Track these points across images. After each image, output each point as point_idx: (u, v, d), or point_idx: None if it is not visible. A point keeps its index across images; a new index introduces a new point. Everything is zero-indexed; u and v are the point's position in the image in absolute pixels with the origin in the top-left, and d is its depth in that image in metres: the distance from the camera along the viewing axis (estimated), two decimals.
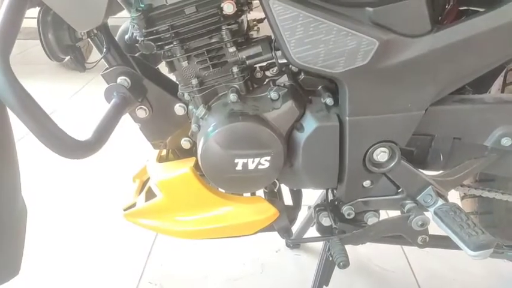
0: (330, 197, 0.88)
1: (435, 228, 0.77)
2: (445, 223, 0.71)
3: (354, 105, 0.71)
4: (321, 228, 0.87)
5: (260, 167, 0.72)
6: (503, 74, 0.90)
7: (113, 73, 0.80)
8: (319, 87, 0.78)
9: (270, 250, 1.28)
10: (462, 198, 1.07)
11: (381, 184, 0.80)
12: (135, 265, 1.24)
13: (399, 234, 0.81)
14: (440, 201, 0.75)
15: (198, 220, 0.82)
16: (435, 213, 0.74)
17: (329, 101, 0.74)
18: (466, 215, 0.71)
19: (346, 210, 0.83)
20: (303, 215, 1.16)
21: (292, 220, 0.89)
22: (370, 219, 0.84)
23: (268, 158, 0.72)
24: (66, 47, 0.76)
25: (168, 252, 1.28)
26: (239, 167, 0.72)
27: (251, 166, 0.72)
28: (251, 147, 0.71)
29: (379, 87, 0.70)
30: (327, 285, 0.98)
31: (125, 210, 0.88)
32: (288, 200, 0.91)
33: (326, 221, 0.85)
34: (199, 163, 0.74)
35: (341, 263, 0.75)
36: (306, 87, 0.78)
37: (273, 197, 0.84)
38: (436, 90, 0.71)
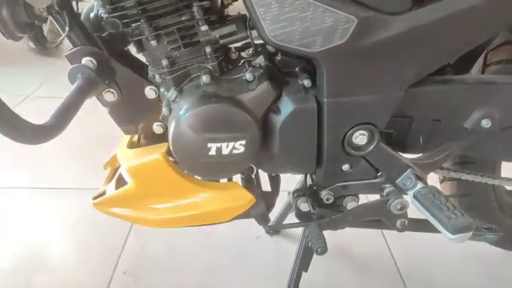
0: (309, 182, 0.86)
1: (414, 211, 0.76)
2: (424, 206, 0.70)
3: (332, 86, 0.68)
4: (300, 214, 0.84)
5: (235, 151, 0.69)
6: (483, 55, 0.89)
7: (78, 53, 0.75)
8: (297, 68, 0.75)
9: (250, 237, 1.26)
10: (441, 181, 1.06)
11: (360, 168, 0.78)
12: (109, 255, 1.20)
13: (378, 218, 0.79)
14: (420, 184, 0.74)
15: (172, 208, 0.78)
16: (414, 196, 0.73)
17: (306, 82, 0.71)
18: (445, 198, 0.70)
19: (325, 195, 0.81)
20: (283, 200, 1.14)
21: (270, 206, 0.86)
22: (349, 204, 0.83)
23: (243, 142, 0.69)
24: (23, 24, 0.71)
25: (144, 241, 1.25)
26: (212, 152, 0.69)
27: (225, 151, 0.69)
28: (225, 131, 0.68)
29: (357, 67, 0.67)
30: (306, 271, 0.96)
31: (94, 198, 0.84)
32: (266, 185, 0.89)
33: (304, 206, 0.83)
34: (171, 148, 0.70)
35: (319, 250, 0.73)
36: (283, 69, 0.75)
37: (250, 182, 0.81)
38: (415, 70, 0.69)
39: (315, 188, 0.83)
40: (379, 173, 0.78)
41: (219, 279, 1.13)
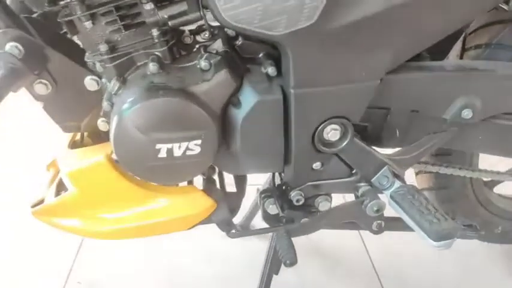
0: (278, 181, 0.77)
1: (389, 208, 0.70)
2: (402, 208, 0.63)
3: (299, 75, 0.59)
4: (268, 217, 0.76)
5: (189, 153, 0.59)
6: (461, 39, 0.82)
7: (0, 38, 0.62)
8: (260, 54, 0.65)
9: (217, 235, 1.17)
10: (417, 173, 1.01)
11: (332, 166, 0.70)
12: (61, 263, 1.08)
13: (352, 221, 0.72)
14: (397, 184, 0.67)
15: (122, 218, 0.68)
16: (391, 196, 0.66)
17: (271, 70, 0.62)
18: (425, 199, 0.63)
19: (295, 196, 0.73)
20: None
21: (234, 210, 0.78)
22: (322, 204, 0.75)
23: (199, 141, 0.59)
24: None
25: (99, 244, 1.13)
26: (162, 154, 0.59)
27: (177, 152, 0.59)
28: (176, 130, 0.58)
29: (328, 53, 0.58)
30: (276, 274, 0.89)
31: (32, 207, 0.73)
32: (230, 182, 0.80)
33: (273, 208, 0.75)
34: (113, 149, 0.60)
35: (287, 262, 0.65)
36: (244, 55, 0.65)
37: (211, 184, 0.72)
38: (393, 56, 0.61)
39: (283, 188, 0.75)
40: (354, 171, 0.71)
41: (184, 282, 1.04)
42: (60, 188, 0.72)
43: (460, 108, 0.69)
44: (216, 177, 0.77)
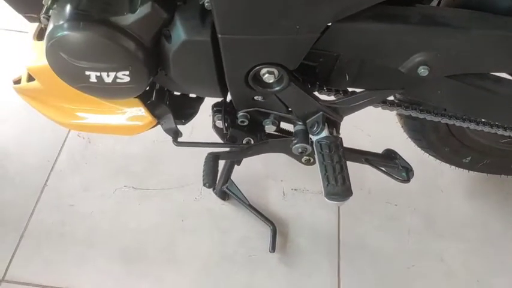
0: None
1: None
2: (317, 159, 0.66)
3: (223, 22, 0.56)
4: (216, 129, 0.82)
5: (119, 80, 0.62)
6: None
7: None
8: None
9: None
10: None
11: (272, 101, 0.71)
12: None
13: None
14: (325, 132, 0.68)
15: (78, 113, 0.77)
16: (315, 144, 0.68)
17: (207, 4, 0.58)
18: (339, 156, 0.65)
19: (241, 117, 0.76)
20: None
21: (191, 114, 0.83)
22: (268, 127, 0.79)
23: (126, 72, 0.61)
24: None
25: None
26: (93, 79, 0.62)
27: (107, 79, 0.62)
28: (99, 61, 0.60)
29: (252, 2, 0.53)
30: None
31: (14, 83, 0.82)
32: None
33: (220, 123, 0.80)
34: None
35: (206, 184, 0.73)
36: None
37: (159, 100, 0.75)
38: (331, 10, 0.54)
39: (233, 106, 0.78)
40: (290, 109, 0.72)
41: None
42: None
43: (417, 64, 0.63)
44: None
